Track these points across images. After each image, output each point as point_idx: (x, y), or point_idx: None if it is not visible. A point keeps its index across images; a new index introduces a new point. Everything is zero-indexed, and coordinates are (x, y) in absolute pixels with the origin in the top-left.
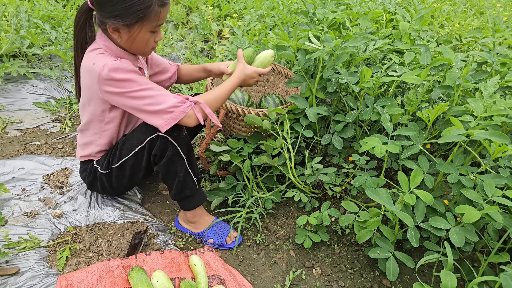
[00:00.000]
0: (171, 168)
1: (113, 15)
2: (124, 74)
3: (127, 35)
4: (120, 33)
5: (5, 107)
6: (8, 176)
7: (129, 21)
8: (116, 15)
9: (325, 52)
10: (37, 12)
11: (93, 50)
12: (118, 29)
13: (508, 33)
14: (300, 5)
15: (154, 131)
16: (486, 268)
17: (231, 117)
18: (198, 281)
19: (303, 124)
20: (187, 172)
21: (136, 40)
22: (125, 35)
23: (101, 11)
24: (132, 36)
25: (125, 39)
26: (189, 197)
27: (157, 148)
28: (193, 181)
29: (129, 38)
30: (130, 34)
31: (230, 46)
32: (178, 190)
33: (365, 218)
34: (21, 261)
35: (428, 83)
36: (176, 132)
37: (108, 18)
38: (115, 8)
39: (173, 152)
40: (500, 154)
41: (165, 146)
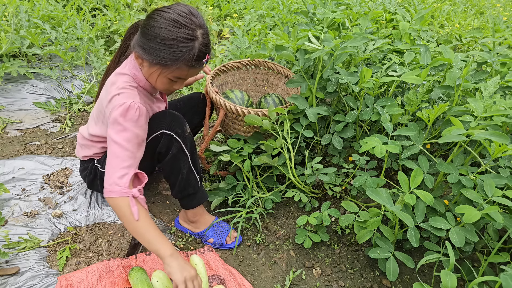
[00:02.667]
0: (175, 165)
1: (142, 46)
2: (125, 122)
3: (147, 69)
4: (142, 63)
5: (5, 107)
6: (8, 176)
7: (150, 60)
8: (144, 48)
9: (324, 52)
10: (37, 12)
11: (122, 75)
12: (143, 61)
13: (508, 33)
14: (300, 5)
15: (159, 129)
16: (486, 268)
17: (230, 117)
18: None
19: (303, 124)
20: (190, 170)
21: (153, 78)
22: (145, 67)
23: (138, 37)
24: (150, 73)
25: (145, 71)
26: (191, 195)
27: (161, 145)
28: (195, 178)
29: (147, 72)
30: (149, 70)
31: (230, 46)
32: (181, 187)
33: (365, 218)
34: (21, 261)
35: (428, 83)
36: (180, 129)
37: (137, 46)
38: (145, 42)
39: (177, 149)
40: (500, 154)
41: (170, 143)
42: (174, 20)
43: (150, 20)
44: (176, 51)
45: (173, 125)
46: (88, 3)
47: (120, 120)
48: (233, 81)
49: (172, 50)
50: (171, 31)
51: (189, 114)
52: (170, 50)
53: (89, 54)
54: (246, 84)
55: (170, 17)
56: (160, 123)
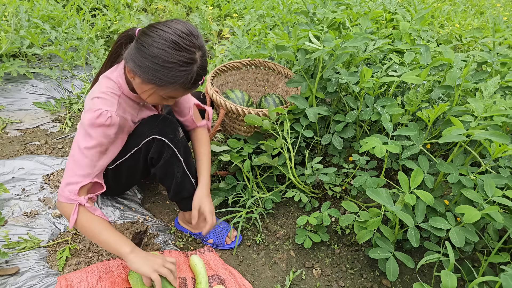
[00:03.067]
0: (168, 170)
1: (136, 63)
2: (92, 129)
3: (139, 85)
4: (134, 77)
5: (5, 107)
6: (8, 176)
7: (145, 78)
8: (138, 65)
9: (325, 52)
10: (37, 12)
11: (108, 80)
12: (135, 75)
13: (508, 33)
14: (300, 5)
15: (150, 134)
16: (486, 268)
17: (231, 117)
18: (199, 281)
19: (303, 124)
20: (184, 174)
21: (144, 94)
22: (137, 82)
23: (132, 51)
24: (142, 89)
25: (136, 85)
26: (186, 198)
27: (153, 150)
28: (191, 182)
29: (138, 87)
30: (142, 86)
31: (230, 46)
32: (176, 191)
33: (365, 218)
34: (21, 261)
35: (428, 83)
36: (172, 134)
37: (131, 61)
38: (141, 60)
39: (170, 154)
40: (500, 154)
41: (162, 148)
42: (174, 42)
43: (147, 37)
44: (173, 74)
45: (164, 130)
46: (88, 3)
47: (87, 125)
48: (233, 81)
49: (170, 73)
50: (170, 53)
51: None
52: (167, 73)
53: (89, 54)
54: (247, 84)
55: (170, 38)
56: (151, 128)
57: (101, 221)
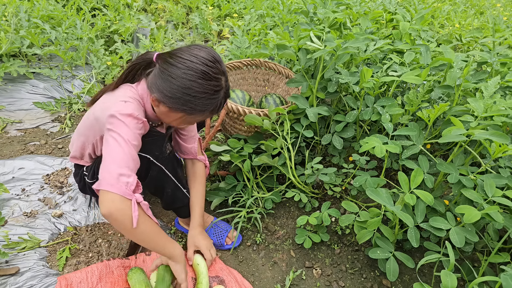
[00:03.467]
0: (157, 185)
1: (165, 93)
2: (131, 125)
3: (165, 113)
4: (159, 106)
5: (5, 107)
6: (8, 176)
7: (175, 108)
8: (167, 96)
9: (326, 52)
10: (37, 12)
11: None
12: (159, 104)
13: (508, 33)
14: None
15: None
16: (486, 268)
17: (231, 116)
18: (200, 280)
19: (304, 124)
20: (175, 187)
21: (168, 119)
22: (163, 109)
23: (158, 81)
24: (168, 115)
25: (161, 112)
26: (180, 207)
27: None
28: (183, 193)
29: (164, 114)
30: (169, 114)
31: (230, 46)
32: (168, 203)
33: (365, 218)
34: (21, 261)
35: (429, 83)
36: (157, 151)
37: (158, 91)
38: (171, 91)
39: (156, 171)
40: (500, 154)
41: (148, 165)
42: (204, 73)
43: (173, 68)
44: (205, 103)
45: (148, 147)
46: (88, 3)
47: (125, 121)
48: (234, 80)
49: (201, 102)
50: (201, 84)
51: None
52: (199, 102)
53: (89, 54)
54: (247, 84)
55: (200, 69)
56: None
57: (153, 222)
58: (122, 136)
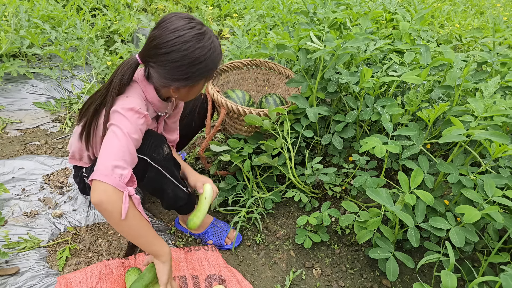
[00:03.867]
0: (155, 186)
1: (180, 78)
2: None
3: (187, 91)
4: (180, 91)
5: (5, 107)
6: (8, 176)
7: (197, 81)
8: (185, 78)
9: (326, 52)
10: (37, 12)
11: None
12: (180, 88)
13: (508, 33)
14: (300, 5)
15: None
16: (486, 268)
17: (232, 116)
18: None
19: (304, 124)
20: (175, 187)
21: (192, 93)
22: (184, 92)
23: (166, 75)
24: (190, 91)
25: (183, 94)
26: (182, 206)
27: (137, 169)
28: (183, 191)
29: (186, 93)
30: (190, 90)
31: (230, 46)
32: (170, 203)
33: (365, 218)
34: (21, 261)
35: (429, 83)
36: (155, 152)
37: (174, 81)
38: (185, 73)
39: (154, 173)
40: (500, 154)
41: (145, 167)
42: (196, 36)
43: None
44: (214, 55)
45: (146, 149)
46: (88, 3)
47: (127, 115)
48: (234, 80)
49: (211, 58)
50: (202, 45)
51: (191, 114)
52: (209, 60)
53: (89, 54)
54: (247, 84)
55: (190, 36)
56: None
57: (142, 217)
58: (122, 129)
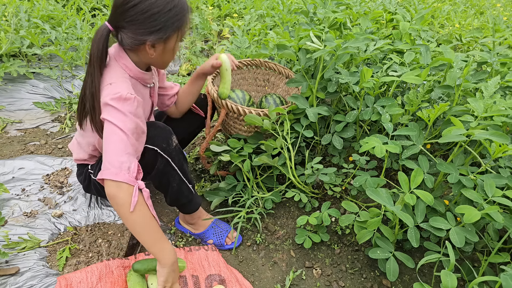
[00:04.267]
0: (163, 179)
1: (153, 30)
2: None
3: (162, 48)
4: (156, 48)
5: (5, 107)
6: (8, 176)
7: (169, 32)
8: (157, 29)
9: (326, 52)
10: (37, 12)
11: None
12: (155, 44)
13: (508, 33)
14: (300, 5)
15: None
16: (486, 268)
17: (231, 116)
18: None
19: (303, 124)
20: (181, 181)
21: (167, 52)
22: (160, 48)
23: (139, 30)
24: (166, 49)
25: (159, 52)
26: (185, 203)
27: (146, 160)
28: (188, 188)
29: (161, 52)
30: (166, 47)
31: (230, 46)
32: (173, 198)
33: (365, 218)
34: (21, 261)
35: (429, 83)
36: (165, 143)
37: (148, 35)
38: (156, 23)
39: (163, 164)
40: (500, 154)
41: (155, 158)
42: None
43: (137, 7)
44: (181, 5)
45: (157, 139)
46: (88, 3)
47: (118, 106)
48: (234, 81)
49: (180, 8)
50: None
51: (191, 114)
52: (178, 10)
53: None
54: (247, 84)
55: None
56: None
57: (150, 214)
58: (117, 125)
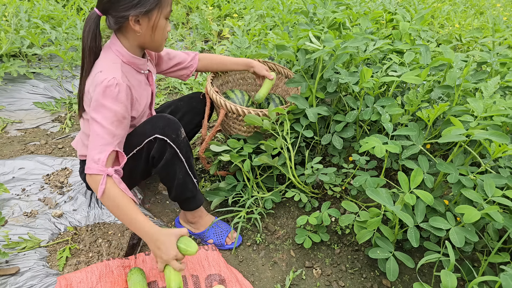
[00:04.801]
0: (170, 170)
1: (132, 4)
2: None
3: (147, 24)
4: (141, 24)
5: (5, 107)
6: (8, 176)
7: (149, 6)
8: (136, 3)
9: (325, 52)
10: (37, 12)
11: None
12: (139, 19)
13: (508, 33)
14: (300, 5)
15: (152, 133)
16: (486, 268)
17: (231, 117)
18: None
19: (303, 124)
20: (186, 174)
21: (154, 29)
22: (145, 25)
23: (120, 7)
24: (151, 25)
25: (145, 30)
26: (189, 198)
27: (155, 150)
28: (193, 182)
29: (148, 28)
30: (151, 23)
31: (230, 46)
32: (178, 192)
33: (365, 218)
34: (21, 261)
35: (428, 83)
36: (174, 134)
37: (129, 10)
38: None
39: (172, 154)
40: (500, 154)
41: (164, 148)
42: None
43: None
44: None
45: (167, 130)
46: (88, 3)
47: (99, 98)
48: (233, 81)
49: None
50: None
51: (190, 113)
52: None
53: None
54: (247, 84)
55: None
56: (153, 127)
57: (125, 195)
58: (94, 118)
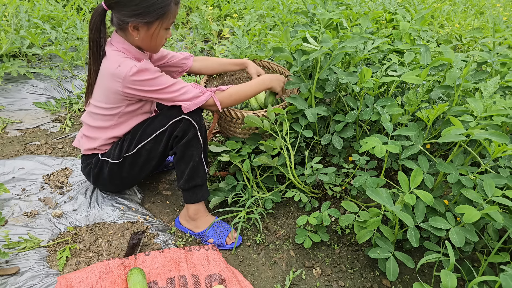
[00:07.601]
0: (187, 151)
1: (135, 13)
2: (152, 74)
3: (146, 32)
4: (139, 31)
5: (5, 107)
6: (8, 176)
7: (150, 18)
8: (138, 13)
9: (322, 53)
10: (37, 12)
11: (115, 52)
12: (138, 27)
13: (508, 33)
14: (300, 5)
15: (179, 114)
16: (486, 268)
17: (225, 119)
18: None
19: (302, 124)
20: (200, 159)
21: (153, 37)
22: (143, 32)
23: (123, 11)
24: (150, 34)
25: (143, 36)
26: (198, 186)
27: (180, 129)
28: (204, 170)
29: (146, 36)
30: (149, 32)
31: (230, 46)
32: (189, 176)
33: (365, 218)
34: (21, 261)
35: (428, 83)
36: (198, 117)
37: (130, 17)
38: (138, 7)
39: (193, 134)
40: (500, 154)
41: (188, 127)
42: None
43: None
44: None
45: (192, 113)
46: (88, 3)
47: (142, 82)
48: (228, 82)
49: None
50: None
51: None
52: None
53: None
54: None
55: None
56: (180, 110)
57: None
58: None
